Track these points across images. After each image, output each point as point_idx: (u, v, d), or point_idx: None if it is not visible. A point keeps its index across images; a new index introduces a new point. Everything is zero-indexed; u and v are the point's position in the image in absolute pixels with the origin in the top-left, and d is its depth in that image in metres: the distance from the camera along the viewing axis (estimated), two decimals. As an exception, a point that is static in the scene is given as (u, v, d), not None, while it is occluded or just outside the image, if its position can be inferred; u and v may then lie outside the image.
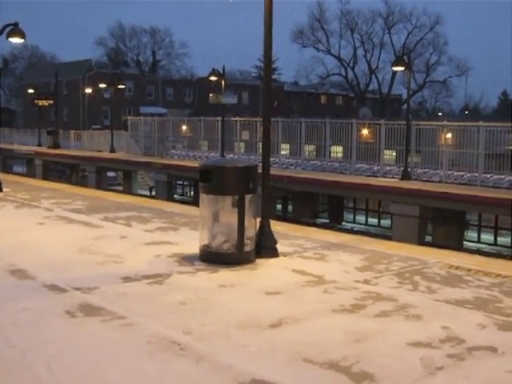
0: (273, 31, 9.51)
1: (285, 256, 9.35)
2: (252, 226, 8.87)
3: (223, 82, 35.31)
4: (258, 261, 8.91)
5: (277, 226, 10.84)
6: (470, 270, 8.81)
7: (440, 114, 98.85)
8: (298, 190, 27.62)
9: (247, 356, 5.29)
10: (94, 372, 4.93)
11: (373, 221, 31.13)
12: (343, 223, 30.91)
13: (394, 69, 30.64)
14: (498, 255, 21.63)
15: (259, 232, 9.21)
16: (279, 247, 9.49)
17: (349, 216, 32.29)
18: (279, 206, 32.11)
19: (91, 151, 44.56)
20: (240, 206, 8.55)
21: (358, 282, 7.94)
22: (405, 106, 35.76)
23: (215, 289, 7.45)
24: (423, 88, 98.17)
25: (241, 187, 8.59)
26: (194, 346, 5.49)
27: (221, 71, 35.59)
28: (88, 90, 69.06)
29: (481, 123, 25.13)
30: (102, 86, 51.45)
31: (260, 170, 9.34)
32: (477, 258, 11.26)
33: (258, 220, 9.28)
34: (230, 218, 8.67)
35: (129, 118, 48.14)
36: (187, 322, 6.13)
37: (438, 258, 9.61)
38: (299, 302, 6.94)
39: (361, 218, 31.71)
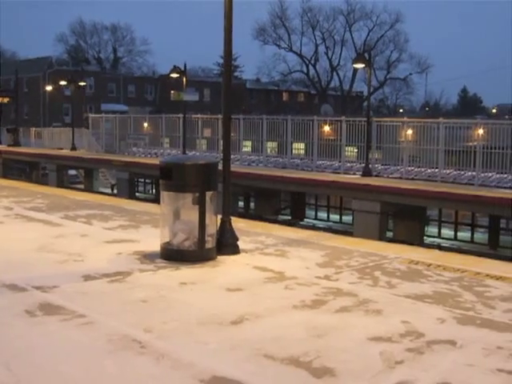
0: (234, 28, 9.50)
1: (246, 253, 9.36)
2: (213, 223, 8.87)
3: (184, 79, 35.22)
4: (220, 258, 8.91)
5: (238, 223, 10.84)
6: (429, 265, 8.89)
7: (401, 110, 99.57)
8: (260, 186, 27.66)
9: (208, 353, 5.29)
10: (53, 371, 4.89)
11: (334, 217, 31.29)
12: (305, 220, 31.00)
13: (355, 66, 30.83)
14: (458, 250, 21.86)
15: (220, 229, 9.21)
16: (241, 244, 9.49)
17: (310, 213, 32.41)
18: (241, 203, 32.13)
19: (52, 149, 44.18)
20: (201, 203, 8.54)
21: (318, 277, 7.97)
22: (366, 103, 35.93)
23: (176, 286, 7.43)
24: (384, 85, 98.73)
25: (201, 184, 8.58)
26: (154, 343, 5.47)
27: (182, 68, 35.50)
28: (48, 88, 68.51)
29: (440, 120, 25.39)
30: (63, 83, 50.94)
31: (221, 167, 9.34)
32: (436, 252, 11.37)
33: (219, 217, 9.28)
34: (191, 215, 8.65)
35: (90, 115, 47.75)
36: (148, 319, 6.11)
37: (398, 254, 9.69)
38: (260, 299, 6.94)
39: (322, 215, 31.85)
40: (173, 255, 8.72)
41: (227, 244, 9.23)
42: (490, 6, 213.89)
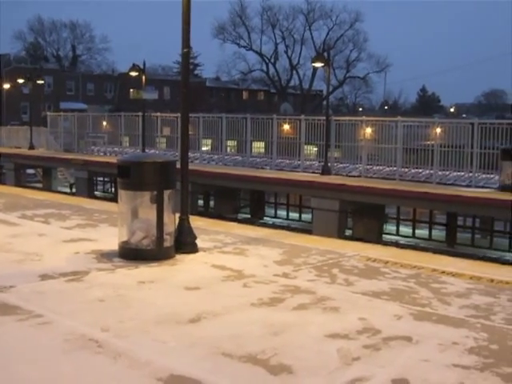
0: (194, 27, 9.50)
1: (205, 251, 9.35)
2: (171, 221, 8.85)
3: (144, 78, 35.06)
4: (178, 256, 8.89)
5: (197, 222, 10.83)
6: (387, 262, 8.97)
7: (360, 109, 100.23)
8: (219, 185, 27.65)
9: (166, 351, 5.28)
10: (9, 371, 4.85)
11: (294, 215, 31.36)
12: (264, 218, 31.05)
13: (314, 65, 30.88)
14: (416, 247, 22.06)
15: (178, 227, 9.19)
16: (199, 242, 9.49)
17: (270, 211, 32.45)
18: (201, 202, 32.07)
19: (9, 148, 43.69)
20: (159, 202, 8.52)
21: (276, 275, 8.00)
22: (325, 102, 36.11)
23: (134, 285, 7.40)
24: (343, 84, 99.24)
25: (159, 183, 8.55)
26: (111, 342, 5.44)
27: (141, 66, 35.36)
28: (6, 86, 67.61)
29: (399, 118, 25.59)
30: (21, 81, 50.34)
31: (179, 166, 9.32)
32: (394, 250, 11.49)
33: (178, 215, 9.27)
34: (149, 213, 8.62)
35: (48, 113, 47.28)
36: (105, 318, 6.08)
37: (356, 251, 9.76)
38: (218, 297, 6.95)
39: (282, 213, 31.90)
40: (131, 254, 8.68)
41: (185, 242, 9.22)
42: (448, 6, 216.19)
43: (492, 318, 6.51)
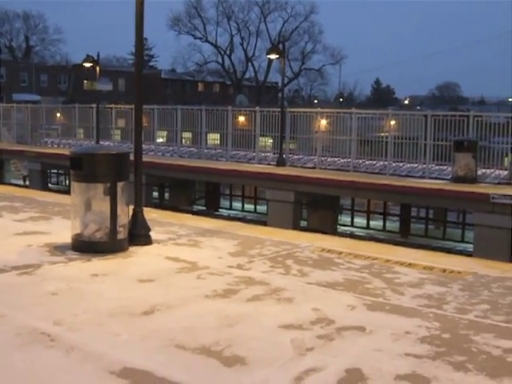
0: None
1: (159, 243, 9.32)
2: (125, 213, 8.77)
3: (98, 69, 34.75)
4: (132, 249, 8.84)
5: (151, 214, 10.79)
6: (341, 253, 9.02)
7: (316, 101, 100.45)
8: (174, 177, 27.56)
9: (119, 344, 5.25)
10: (-42, 366, 4.78)
11: (249, 207, 31.39)
12: (220, 210, 31.02)
13: (269, 56, 30.92)
14: (370, 238, 22.22)
15: (132, 220, 9.14)
16: (153, 235, 9.45)
17: (225, 203, 32.44)
18: (156, 194, 31.93)
19: (-40, 140, 43.03)
20: (112, 194, 8.44)
21: (231, 267, 8.00)
22: (281, 94, 36.17)
23: (87, 278, 7.34)
24: (299, 76, 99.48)
25: (113, 174, 8.48)
26: (64, 336, 5.39)
27: (95, 57, 35.04)
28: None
29: (353, 110, 25.72)
30: (-28, 72, 49.58)
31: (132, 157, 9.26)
32: (348, 241, 11.54)
33: (132, 207, 9.21)
34: (103, 206, 8.53)
35: (0, 105, 46.62)
36: (58, 312, 6.01)
37: (310, 242, 9.80)
38: (172, 289, 6.93)
39: (237, 205, 31.91)
40: (84, 247, 8.60)
41: (139, 235, 9.18)
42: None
43: (444, 307, 6.58)
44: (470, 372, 4.89)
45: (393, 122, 25.36)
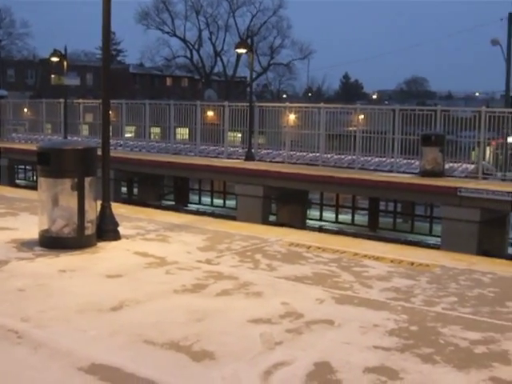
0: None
1: (127, 238, 9.27)
2: (93, 209, 8.72)
3: (65, 63, 34.50)
4: (100, 244, 8.78)
5: (120, 209, 10.74)
6: (309, 247, 9.04)
7: (284, 96, 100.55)
8: (143, 172, 27.47)
9: (87, 341, 5.21)
10: None
11: (218, 202, 31.37)
12: (189, 205, 30.97)
13: (238, 51, 30.87)
14: (340, 232, 22.31)
15: (100, 215, 9.08)
16: (122, 230, 9.39)
17: (194, 197, 32.40)
18: (125, 189, 31.80)
19: None
20: (79, 189, 8.39)
21: (199, 261, 7.98)
22: (249, 88, 36.20)
23: (55, 274, 7.28)
24: (267, 70, 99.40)
25: (80, 170, 8.42)
26: (32, 333, 5.34)
27: (63, 52, 34.77)
28: None
29: (321, 105, 25.81)
30: None
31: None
32: (316, 235, 11.60)
33: (100, 203, 9.15)
34: (70, 201, 8.48)
35: (-34, 100, 46.13)
36: (25, 309, 5.96)
37: (279, 236, 9.81)
38: (141, 284, 6.90)
39: (206, 200, 31.88)
40: (52, 242, 8.53)
41: (107, 230, 9.12)
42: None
43: (412, 300, 6.63)
44: (437, 364, 4.93)
45: (361, 117, 25.46)
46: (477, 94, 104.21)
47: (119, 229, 9.32)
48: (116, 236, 9.18)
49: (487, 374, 4.78)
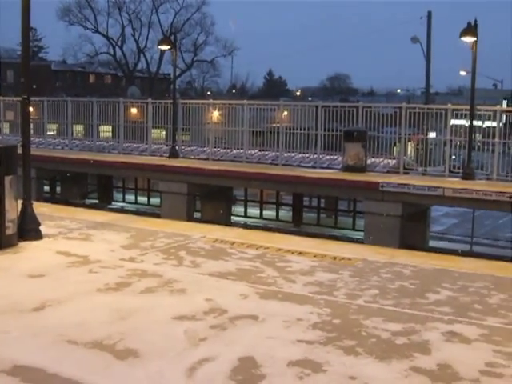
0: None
1: (49, 238, 9.15)
2: (13, 208, 8.57)
3: (-16, 60, 33.82)
4: (21, 244, 8.65)
5: (42, 208, 10.60)
6: (233, 243, 9.08)
7: (209, 93, 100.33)
8: (65, 170, 27.09)
9: (9, 342, 5.15)
10: None
11: (143, 199, 31.14)
12: (113, 203, 30.66)
13: (160, 48, 30.72)
14: (264, 228, 22.40)
15: (21, 214, 8.93)
16: (44, 229, 9.26)
17: (118, 196, 32.08)
18: (47, 188, 31.30)
19: None
20: (-1, 188, 8.24)
21: (123, 260, 7.94)
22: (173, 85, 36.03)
23: (-25, 275, 7.16)
24: (191, 67, 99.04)
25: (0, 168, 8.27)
26: (-50, 335, 5.25)
27: (-20, 49, 34.12)
28: None
29: (245, 101, 25.82)
30: None
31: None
32: (240, 231, 11.65)
33: (21, 202, 9.00)
34: (-10, 200, 8.32)
35: None
36: None
37: (203, 233, 9.82)
38: (63, 284, 6.83)
39: (131, 197, 31.61)
40: (-29, 243, 8.36)
41: (29, 229, 8.99)
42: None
43: (335, 293, 6.73)
44: (360, 355, 5.02)
45: (285, 113, 25.57)
46: (398, 90, 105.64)
47: (41, 228, 9.19)
48: (38, 235, 9.05)
49: (408, 363, 4.89)
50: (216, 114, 26.68)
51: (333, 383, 4.54)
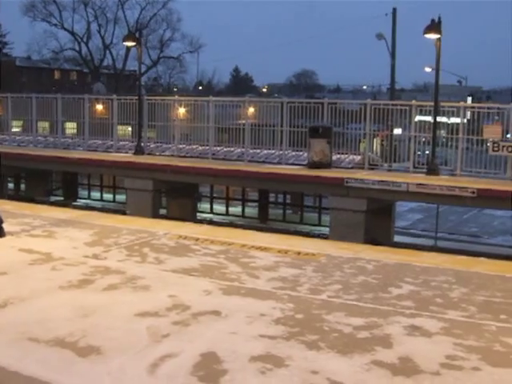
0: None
1: (12, 235, 9.09)
2: (-25, 205, 8.53)
3: None
4: (-17, 242, 8.60)
5: (5, 205, 10.54)
6: (197, 240, 9.08)
7: (175, 89, 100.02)
8: (30, 167, 26.89)
9: (-31, 340, 5.11)
10: None
11: (108, 196, 31.01)
12: (78, 200, 30.49)
13: (126, 44, 30.56)
14: (230, 224, 22.42)
15: (-17, 212, 8.88)
16: (6, 226, 9.19)
17: (83, 193, 31.91)
18: (12, 185, 31.06)
19: None
20: (-39, 186, 8.18)
21: (86, 257, 7.91)
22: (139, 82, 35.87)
23: None
24: (158, 64, 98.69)
25: (-39, 166, 8.22)
26: None
27: None
28: None
29: (211, 98, 25.80)
30: None
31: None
32: (205, 227, 11.63)
33: (-17, 199, 8.96)
34: (-49, 198, 8.26)
35: None
36: None
37: (168, 230, 9.81)
38: (26, 281, 6.79)
39: (96, 194, 31.46)
40: None
41: (-9, 227, 8.93)
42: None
43: (298, 288, 6.76)
44: (322, 350, 5.06)
45: (251, 110, 25.58)
46: (364, 87, 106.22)
47: (4, 225, 9.12)
48: (0, 233, 8.98)
49: (369, 357, 4.94)
50: (182, 110, 26.62)
51: (295, 378, 4.56)
